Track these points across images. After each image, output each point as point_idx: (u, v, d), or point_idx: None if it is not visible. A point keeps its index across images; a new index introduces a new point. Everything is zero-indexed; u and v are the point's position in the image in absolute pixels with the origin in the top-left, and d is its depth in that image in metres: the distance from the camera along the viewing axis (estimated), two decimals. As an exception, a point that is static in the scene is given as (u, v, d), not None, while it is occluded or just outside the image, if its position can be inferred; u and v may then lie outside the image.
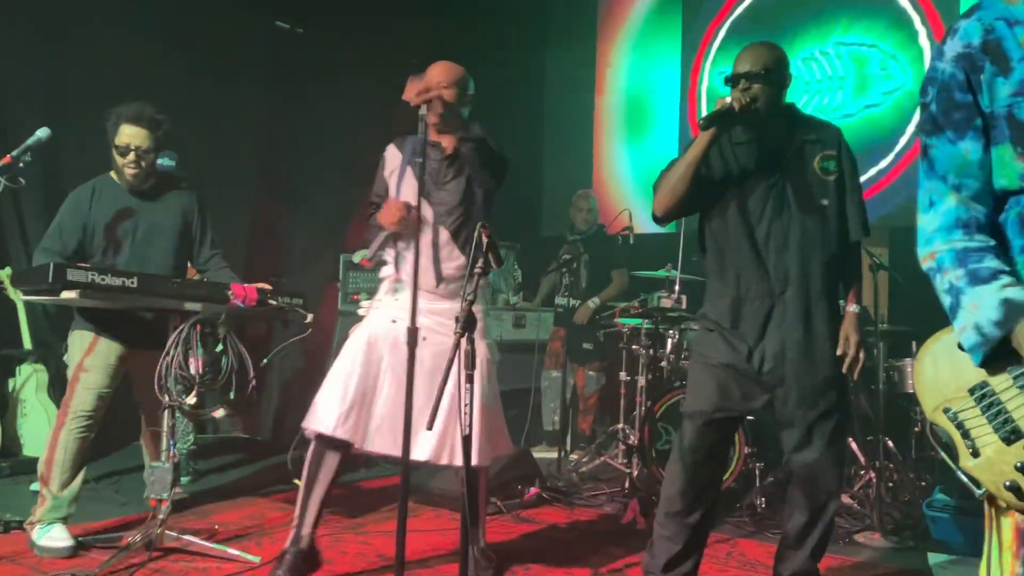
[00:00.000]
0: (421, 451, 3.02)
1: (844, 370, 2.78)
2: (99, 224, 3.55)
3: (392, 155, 3.36)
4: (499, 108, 7.37)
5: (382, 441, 3.08)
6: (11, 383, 4.85)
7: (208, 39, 5.96)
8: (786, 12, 6.66)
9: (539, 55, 8.25)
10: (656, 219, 2.96)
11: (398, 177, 3.27)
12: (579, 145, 7.89)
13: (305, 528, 3.11)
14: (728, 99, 2.74)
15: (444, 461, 3.07)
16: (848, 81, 6.34)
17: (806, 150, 2.85)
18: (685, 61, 7.23)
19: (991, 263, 1.48)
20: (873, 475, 4.34)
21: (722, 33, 7.01)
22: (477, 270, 2.53)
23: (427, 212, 3.17)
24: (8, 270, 4.82)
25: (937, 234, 1.55)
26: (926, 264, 1.57)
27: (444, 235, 3.18)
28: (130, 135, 3.51)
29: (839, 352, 2.78)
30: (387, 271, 3.30)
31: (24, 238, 5.12)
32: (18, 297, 4.75)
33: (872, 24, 6.25)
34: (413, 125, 2.96)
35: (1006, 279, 1.45)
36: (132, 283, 3.17)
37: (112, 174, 3.63)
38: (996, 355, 1.45)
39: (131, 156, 3.52)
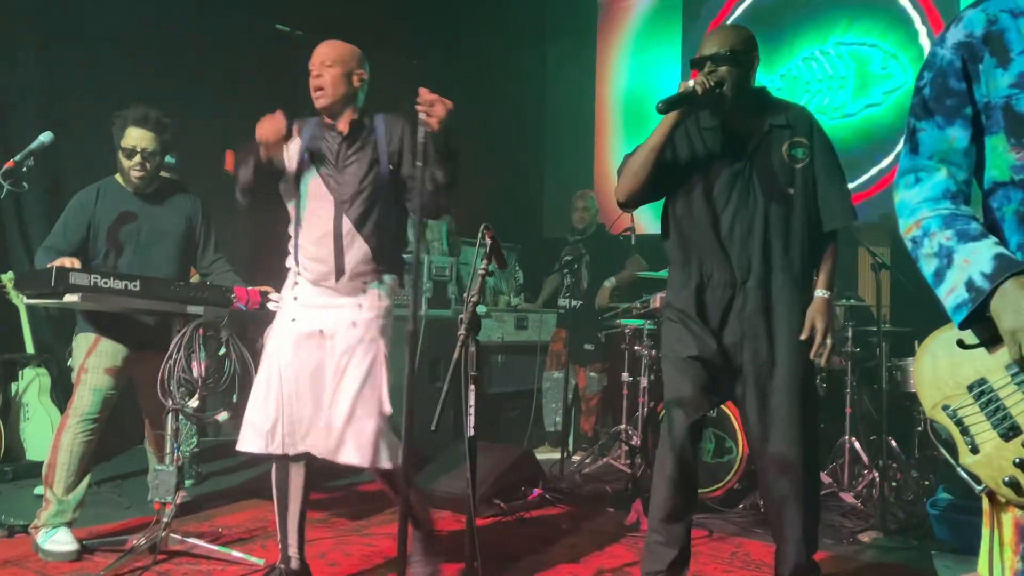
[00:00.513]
0: (324, 447, 2.88)
1: (811, 356, 2.71)
2: (102, 226, 3.57)
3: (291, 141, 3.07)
4: (500, 110, 7.43)
5: (312, 442, 2.91)
6: (14, 387, 4.86)
7: (209, 42, 5.97)
8: (786, 12, 6.67)
9: (539, 57, 8.27)
10: (619, 204, 2.91)
11: (297, 164, 3.02)
12: (580, 146, 7.91)
13: (291, 548, 2.99)
14: (691, 82, 2.68)
15: (344, 459, 2.87)
16: (849, 81, 6.34)
17: (774, 135, 2.78)
18: (685, 61, 7.24)
19: (979, 227, 1.48)
20: (876, 474, 4.34)
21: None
22: (481, 271, 2.53)
23: (324, 201, 2.96)
24: (10, 274, 4.83)
25: (923, 204, 1.55)
26: (911, 233, 1.56)
27: (346, 224, 2.94)
28: (136, 137, 3.54)
29: (803, 337, 2.71)
30: (290, 262, 3.08)
31: (26, 242, 5.13)
32: (20, 301, 4.76)
33: (872, 24, 6.26)
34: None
35: (995, 239, 1.45)
36: (135, 286, 3.20)
37: (117, 177, 3.65)
38: (978, 330, 1.44)
39: (137, 158, 3.55)
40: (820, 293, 2.77)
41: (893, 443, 4.57)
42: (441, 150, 2.80)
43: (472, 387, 2.42)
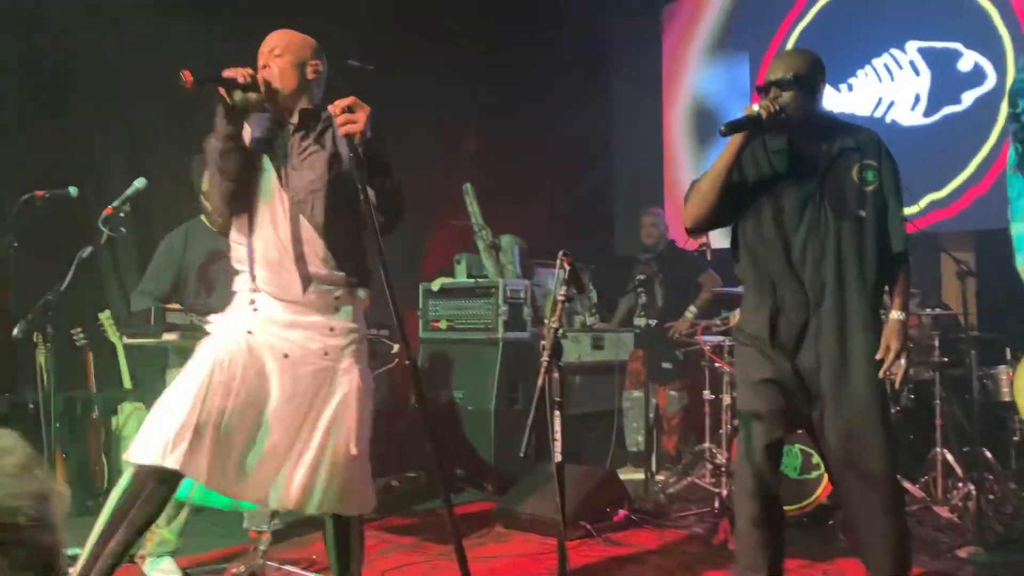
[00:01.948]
0: (284, 497, 2.58)
1: (880, 374, 2.68)
2: (192, 266, 3.71)
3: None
4: (567, 131, 7.47)
5: (252, 487, 2.57)
6: (114, 421, 5.05)
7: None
8: (856, 14, 6.57)
9: (604, 74, 8.30)
10: (687, 230, 2.92)
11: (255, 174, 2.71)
12: (648, 162, 7.90)
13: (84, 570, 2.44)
14: (756, 107, 2.69)
15: (299, 508, 2.60)
16: (926, 83, 6.21)
17: (843, 158, 2.77)
18: (753, 72, 7.19)
19: None
20: (972, 487, 4.22)
21: (792, 38, 6.96)
22: (561, 297, 2.56)
23: (280, 205, 2.64)
24: (108, 313, 5.04)
25: None
26: None
27: (307, 228, 2.62)
28: None
29: (878, 356, 2.69)
30: (242, 282, 2.71)
31: (121, 282, 5.35)
32: (117, 338, 4.96)
33: (950, 24, 6.12)
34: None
35: None
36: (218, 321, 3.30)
37: (202, 217, 3.79)
38: None
39: None
40: (895, 315, 2.76)
41: (988, 455, 4.44)
42: (373, 166, 2.52)
43: (557, 413, 2.44)
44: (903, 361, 2.71)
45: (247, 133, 2.70)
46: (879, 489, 2.68)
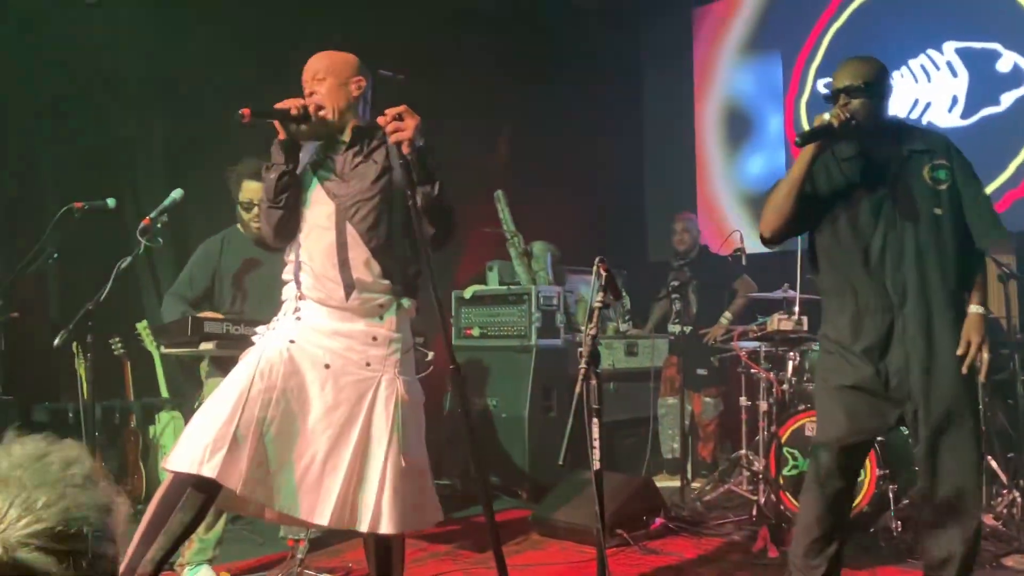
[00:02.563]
0: (320, 514, 2.53)
1: (963, 370, 2.68)
2: (227, 273, 3.74)
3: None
4: (599, 137, 7.45)
5: (288, 502, 2.52)
6: (151, 430, 5.11)
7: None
8: (892, 13, 6.49)
9: (636, 79, 8.26)
10: (764, 241, 2.94)
11: (303, 187, 2.75)
12: (681, 167, 7.84)
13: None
14: (827, 115, 2.73)
15: (346, 525, 2.56)
16: (964, 84, 6.12)
17: (914, 161, 2.80)
18: (786, 74, 7.13)
19: None
20: (1017, 494, 4.13)
21: (826, 39, 6.89)
22: (597, 304, 2.55)
23: (326, 212, 2.67)
24: (145, 323, 5.10)
25: None
26: None
27: (351, 234, 2.63)
28: (252, 191, 3.68)
29: (959, 352, 2.70)
30: (289, 291, 2.74)
31: (158, 293, 5.41)
32: (154, 348, 5.01)
33: (989, 24, 6.03)
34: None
35: None
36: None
37: (239, 226, 3.83)
38: None
39: (255, 211, 3.67)
40: (975, 309, 2.76)
41: (1033, 461, 4.35)
42: (421, 174, 2.57)
43: (596, 421, 2.42)
44: (986, 355, 2.71)
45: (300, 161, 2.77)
46: (964, 490, 2.70)
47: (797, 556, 2.85)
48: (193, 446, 2.45)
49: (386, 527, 2.54)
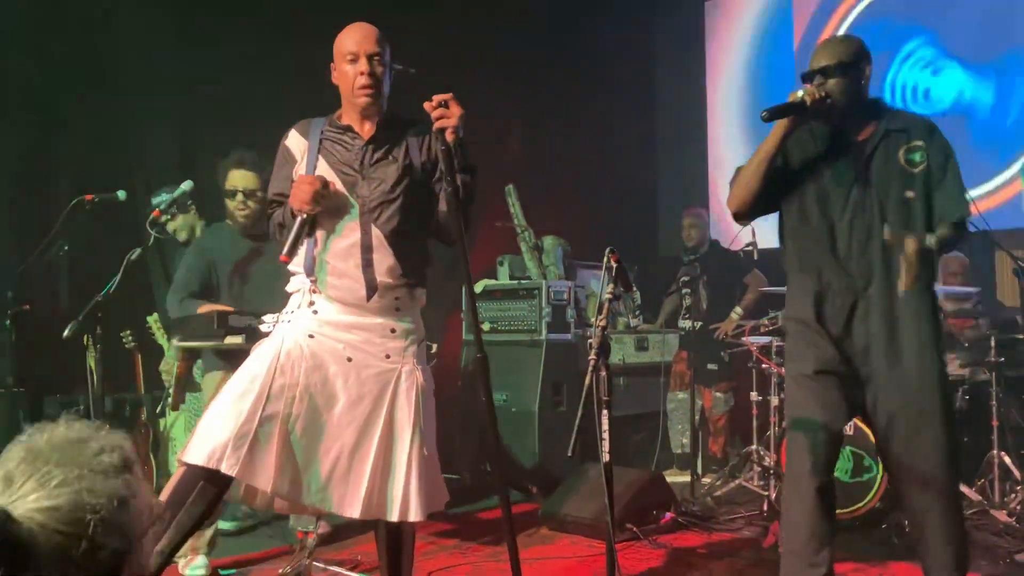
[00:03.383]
0: (351, 506, 2.53)
1: (902, 288, 2.54)
2: (220, 267, 3.69)
3: (296, 143, 2.74)
4: (610, 130, 7.42)
5: (319, 497, 2.52)
6: (162, 423, 5.11)
7: (326, 83, 6.17)
8: (903, 8, 6.44)
9: (648, 72, 8.22)
10: (734, 216, 2.90)
11: (307, 167, 2.66)
12: (693, 161, 7.81)
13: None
14: (800, 92, 2.69)
15: (375, 515, 2.58)
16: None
17: (890, 140, 2.74)
18: (799, 67, 7.08)
19: None
20: (1031, 491, 4.10)
21: (842, 31, 6.84)
22: (608, 295, 2.53)
23: (348, 210, 2.62)
24: (155, 316, 5.10)
25: None
26: None
27: (377, 237, 2.60)
28: (237, 178, 3.66)
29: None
30: (297, 282, 2.69)
31: (169, 285, 5.41)
32: (165, 341, 5.02)
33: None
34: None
35: None
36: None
37: (227, 221, 3.79)
38: None
39: (239, 197, 3.65)
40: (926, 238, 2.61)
41: (1048, 457, 4.31)
42: (461, 162, 2.53)
43: (605, 412, 2.40)
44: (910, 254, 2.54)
45: (301, 145, 2.72)
46: (931, 480, 2.64)
47: (794, 556, 2.72)
48: (212, 440, 2.43)
49: (414, 515, 2.56)
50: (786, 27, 7.26)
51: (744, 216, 2.90)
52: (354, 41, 2.61)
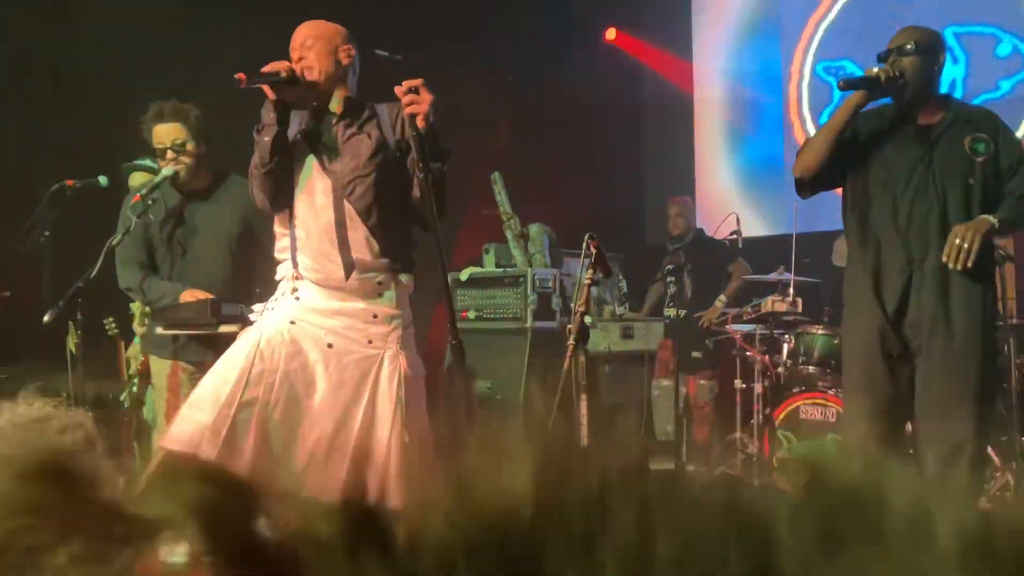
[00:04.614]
0: (326, 492, 2.51)
1: (944, 258, 2.66)
2: (154, 231, 3.46)
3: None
4: (595, 118, 7.42)
5: (293, 482, 2.56)
6: (144, 410, 5.09)
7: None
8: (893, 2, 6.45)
9: (634, 61, 8.21)
10: (796, 182, 2.98)
11: (295, 157, 2.70)
12: (679, 150, 7.82)
13: None
14: (876, 69, 2.79)
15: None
16: (962, 69, 6.09)
17: (956, 128, 2.84)
18: (785, 56, 7.09)
19: None
20: (1011, 477, 4.13)
21: (825, 23, 6.85)
22: (587, 281, 2.54)
23: (321, 188, 2.63)
24: (138, 303, 5.06)
25: None
26: None
27: (349, 213, 2.60)
28: (162, 134, 3.38)
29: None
30: (284, 270, 2.71)
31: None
32: (138, 326, 4.98)
33: (988, 8, 5.99)
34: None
35: None
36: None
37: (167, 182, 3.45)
38: None
39: (169, 155, 3.37)
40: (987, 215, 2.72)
41: (1028, 444, 4.34)
42: (432, 149, 2.53)
43: (584, 396, 2.41)
44: (966, 245, 2.64)
45: (290, 129, 2.70)
46: (962, 451, 2.72)
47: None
48: (192, 425, 2.45)
49: (391, 502, 2.51)
50: (774, 12, 7.26)
51: (806, 185, 2.98)
52: (292, 39, 2.72)
